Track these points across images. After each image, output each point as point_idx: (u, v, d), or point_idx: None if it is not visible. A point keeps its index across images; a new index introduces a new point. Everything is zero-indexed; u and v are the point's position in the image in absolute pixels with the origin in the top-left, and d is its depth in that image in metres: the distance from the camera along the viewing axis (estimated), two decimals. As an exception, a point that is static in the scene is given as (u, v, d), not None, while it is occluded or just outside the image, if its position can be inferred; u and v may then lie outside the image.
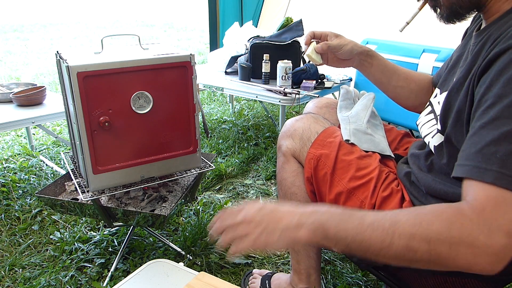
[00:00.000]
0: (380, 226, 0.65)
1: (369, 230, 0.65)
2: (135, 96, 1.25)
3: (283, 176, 1.19)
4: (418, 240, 0.62)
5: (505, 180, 0.60)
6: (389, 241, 0.63)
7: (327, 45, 1.15)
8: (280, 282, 1.33)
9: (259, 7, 3.80)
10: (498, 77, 0.66)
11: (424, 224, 0.62)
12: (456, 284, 0.88)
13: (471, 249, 0.59)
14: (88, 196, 1.28)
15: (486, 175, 0.61)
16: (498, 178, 0.60)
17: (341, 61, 1.21)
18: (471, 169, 0.64)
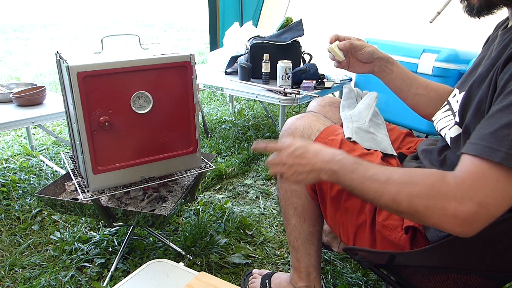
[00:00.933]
0: (377, 179, 0.79)
1: (367, 181, 0.80)
2: (135, 96, 1.25)
3: None
4: (402, 195, 0.74)
5: (510, 160, 0.65)
6: (381, 192, 0.77)
7: (349, 43, 1.18)
8: (280, 281, 1.33)
9: (259, 7, 3.80)
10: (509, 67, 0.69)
11: (410, 183, 0.74)
12: (458, 281, 0.88)
13: (442, 212, 0.69)
14: (88, 196, 1.28)
15: (494, 155, 0.66)
16: (505, 159, 0.65)
17: (362, 64, 1.22)
18: (483, 148, 0.68)
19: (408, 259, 0.92)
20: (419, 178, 0.74)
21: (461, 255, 0.85)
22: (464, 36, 2.37)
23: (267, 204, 2.00)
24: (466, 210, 0.67)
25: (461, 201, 0.68)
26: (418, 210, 0.72)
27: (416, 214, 0.73)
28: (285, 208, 1.22)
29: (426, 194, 0.72)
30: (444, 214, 0.69)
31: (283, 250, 1.65)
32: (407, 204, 0.74)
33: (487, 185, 0.67)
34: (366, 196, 0.81)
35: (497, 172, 0.67)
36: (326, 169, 0.86)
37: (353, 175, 0.82)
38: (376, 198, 0.79)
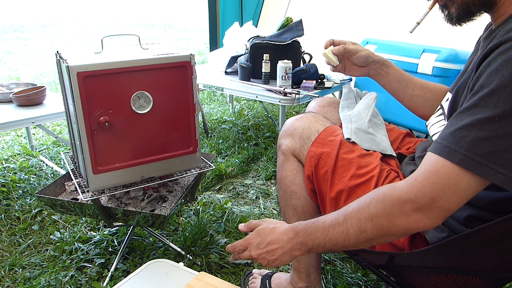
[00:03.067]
0: (338, 223, 0.80)
1: (331, 230, 0.81)
2: (135, 96, 1.25)
3: (283, 175, 1.19)
4: (364, 221, 0.76)
5: (467, 162, 0.67)
6: (346, 232, 0.79)
7: (343, 48, 1.20)
8: (280, 281, 1.33)
9: (259, 7, 3.80)
10: (486, 69, 0.70)
11: (365, 206, 0.76)
12: (457, 282, 0.88)
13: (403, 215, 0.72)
14: (88, 196, 1.28)
15: (453, 156, 0.68)
16: (463, 160, 0.67)
17: (357, 68, 1.23)
18: (442, 148, 0.70)
19: (407, 259, 0.92)
20: (371, 197, 0.76)
21: (460, 256, 0.85)
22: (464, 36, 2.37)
23: (267, 204, 2.00)
24: (422, 206, 0.70)
25: (415, 200, 0.71)
26: (383, 225, 0.74)
27: (383, 231, 0.75)
28: (285, 209, 1.22)
29: (383, 207, 0.74)
30: (405, 217, 0.72)
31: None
32: (372, 226, 0.76)
33: (439, 182, 0.69)
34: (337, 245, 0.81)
35: (450, 171, 0.68)
36: (295, 245, 0.88)
37: (317, 234, 0.84)
38: (346, 240, 0.79)
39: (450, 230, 0.87)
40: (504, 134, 0.65)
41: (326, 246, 0.83)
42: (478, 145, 0.66)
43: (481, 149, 0.66)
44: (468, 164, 0.67)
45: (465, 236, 0.80)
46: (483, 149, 0.66)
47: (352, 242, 0.79)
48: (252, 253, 0.96)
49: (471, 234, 0.79)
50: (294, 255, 0.90)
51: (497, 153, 0.65)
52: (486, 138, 0.66)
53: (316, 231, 0.84)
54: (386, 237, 0.77)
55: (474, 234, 0.79)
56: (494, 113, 0.65)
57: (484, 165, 0.66)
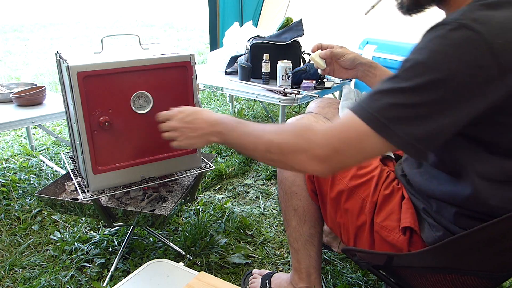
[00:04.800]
0: (254, 134, 0.88)
1: (246, 136, 0.90)
2: (135, 96, 1.25)
3: (283, 176, 1.20)
4: (274, 145, 0.83)
5: (375, 122, 0.73)
6: (257, 144, 0.87)
7: (330, 51, 1.24)
8: (280, 281, 1.33)
9: (259, 7, 3.80)
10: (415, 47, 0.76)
11: (281, 134, 0.84)
12: (456, 281, 0.89)
13: (305, 154, 0.79)
14: (88, 196, 1.28)
15: (364, 115, 0.75)
16: (371, 120, 0.73)
17: (345, 70, 1.27)
18: (357, 106, 0.77)
19: (406, 260, 0.92)
20: (290, 128, 0.85)
21: (458, 256, 0.85)
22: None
23: (267, 204, 2.00)
24: (324, 153, 0.77)
25: (321, 145, 0.78)
26: (288, 155, 0.81)
27: (285, 159, 0.82)
28: (286, 209, 1.22)
29: (295, 141, 0.81)
30: (307, 155, 0.79)
31: (283, 250, 1.65)
32: (279, 152, 0.83)
33: (348, 136, 0.76)
34: (246, 150, 0.91)
35: (361, 129, 0.74)
36: (214, 132, 0.97)
37: (235, 133, 0.92)
38: (254, 150, 0.88)
39: (445, 229, 0.88)
40: (411, 104, 0.71)
41: (237, 147, 0.93)
42: (387, 109, 0.72)
43: (388, 113, 0.72)
44: (374, 124, 0.73)
45: (463, 237, 0.80)
46: (390, 113, 0.72)
47: (258, 155, 0.88)
48: (175, 123, 1.03)
49: (469, 234, 0.79)
50: (210, 140, 0.99)
51: (401, 120, 0.71)
52: (395, 104, 0.72)
53: (235, 130, 0.93)
54: (286, 167, 0.87)
55: (471, 235, 0.79)
56: (408, 84, 0.71)
57: (387, 127, 0.72)
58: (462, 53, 0.68)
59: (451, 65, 0.69)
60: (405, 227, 0.93)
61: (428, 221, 0.91)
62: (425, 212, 0.92)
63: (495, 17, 0.69)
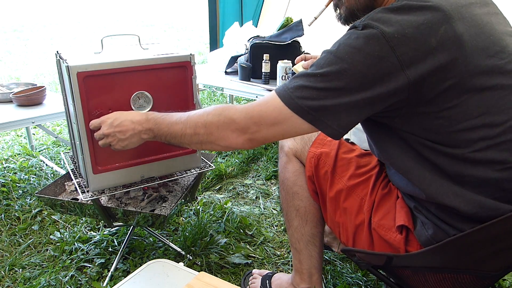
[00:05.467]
0: (180, 121, 0.95)
1: (173, 125, 0.96)
2: (135, 96, 1.25)
3: (285, 176, 1.20)
4: (200, 126, 0.91)
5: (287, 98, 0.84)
6: (184, 129, 0.94)
7: (312, 62, 1.28)
8: (281, 282, 1.33)
9: (259, 7, 3.79)
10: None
11: (204, 115, 0.92)
12: (454, 280, 0.89)
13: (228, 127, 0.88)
14: (88, 196, 1.28)
15: (281, 93, 0.85)
16: (285, 97, 0.84)
17: None
18: (280, 87, 0.87)
19: (405, 260, 0.92)
20: (212, 109, 0.91)
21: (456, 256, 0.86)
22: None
23: (267, 204, 2.00)
24: (244, 124, 0.87)
25: (242, 118, 0.87)
26: (213, 133, 0.90)
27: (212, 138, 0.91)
28: (287, 210, 1.22)
29: (217, 119, 0.89)
30: (229, 129, 0.88)
31: (283, 250, 1.65)
32: (204, 132, 0.91)
33: (266, 110, 0.86)
34: (175, 139, 0.96)
35: (277, 104, 0.84)
36: (143, 129, 1.02)
37: (163, 125, 0.98)
38: (183, 137, 0.94)
39: (436, 226, 0.88)
40: (319, 87, 0.81)
41: (167, 138, 0.98)
42: (300, 90, 0.83)
43: (300, 93, 0.83)
44: (287, 100, 0.84)
45: (462, 237, 0.81)
46: (302, 93, 0.83)
47: (187, 140, 0.95)
48: (105, 130, 1.07)
49: (467, 235, 0.80)
50: (142, 138, 1.04)
51: (310, 99, 0.82)
52: (307, 87, 0.83)
53: (163, 123, 0.99)
54: (213, 145, 0.93)
55: (470, 235, 0.80)
56: (319, 71, 0.82)
57: (296, 103, 0.83)
58: (365, 47, 0.78)
59: (354, 56, 0.79)
60: (400, 225, 0.94)
61: (421, 219, 0.91)
62: (416, 210, 0.93)
63: (393, 18, 0.79)
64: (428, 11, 0.78)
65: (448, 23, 0.78)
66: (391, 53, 0.76)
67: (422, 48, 0.76)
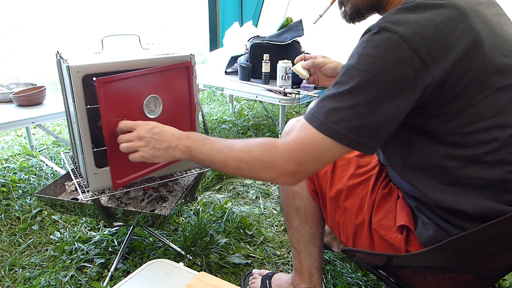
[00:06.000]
0: (222, 151, 0.92)
1: (215, 153, 0.93)
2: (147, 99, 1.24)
3: None
4: (243, 163, 0.88)
5: (323, 127, 0.79)
6: (226, 162, 0.91)
7: (312, 61, 1.31)
8: (281, 282, 1.33)
9: (259, 7, 3.79)
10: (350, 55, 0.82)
11: (248, 151, 0.88)
12: (454, 280, 0.89)
13: (274, 171, 0.85)
14: (88, 196, 1.28)
15: (314, 121, 0.81)
16: (319, 125, 0.80)
17: (328, 79, 1.32)
18: (309, 114, 0.83)
19: (405, 260, 0.92)
20: (255, 145, 0.88)
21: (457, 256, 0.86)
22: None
23: (267, 204, 2.00)
24: (290, 168, 0.83)
25: (286, 161, 0.83)
26: (257, 172, 0.87)
27: (256, 175, 0.88)
28: (287, 210, 1.22)
29: (262, 158, 0.86)
30: (276, 172, 0.85)
31: (283, 250, 1.65)
32: (248, 168, 0.88)
33: (306, 148, 0.81)
34: (216, 166, 0.94)
35: (316, 137, 0.80)
36: (181, 146, 0.98)
37: (203, 149, 0.95)
38: (223, 167, 0.92)
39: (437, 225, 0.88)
40: (350, 105, 0.77)
41: (206, 163, 0.96)
42: (332, 113, 0.79)
43: (334, 116, 0.79)
44: (324, 128, 0.79)
45: (462, 237, 0.81)
46: (335, 117, 0.78)
47: (228, 171, 0.93)
48: (141, 133, 1.01)
49: (468, 235, 0.80)
50: (175, 154, 0.99)
51: (346, 121, 0.78)
52: (338, 108, 0.79)
53: (204, 146, 0.95)
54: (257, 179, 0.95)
55: (470, 235, 0.80)
56: (345, 88, 0.78)
57: (335, 130, 0.78)
58: (386, 53, 0.75)
59: (377, 65, 0.76)
60: (401, 225, 0.94)
61: (422, 219, 0.91)
62: (418, 209, 0.93)
63: (411, 18, 0.77)
64: (445, 9, 0.77)
65: (465, 21, 0.77)
66: (413, 55, 0.74)
67: (443, 47, 0.75)
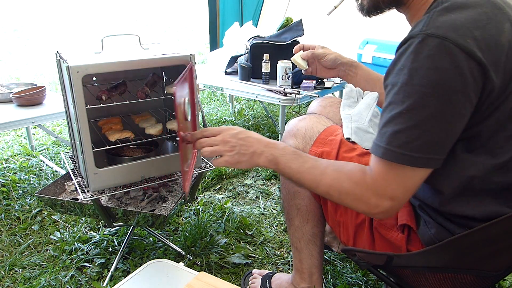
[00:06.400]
0: (313, 173, 0.89)
1: (305, 173, 0.89)
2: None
3: None
4: (334, 190, 0.86)
5: (389, 154, 0.76)
6: (316, 185, 0.88)
7: (311, 52, 1.27)
8: (281, 282, 1.33)
9: (259, 7, 3.79)
10: (393, 67, 0.78)
11: (339, 180, 0.85)
12: (455, 280, 0.89)
13: (366, 205, 0.82)
14: (88, 196, 1.28)
15: (378, 151, 0.78)
16: (384, 154, 0.77)
17: (327, 70, 1.30)
18: (372, 145, 0.81)
19: (406, 260, 0.92)
20: (346, 176, 0.85)
21: (457, 256, 0.86)
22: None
23: (267, 204, 2.00)
24: (383, 204, 0.80)
25: (378, 197, 0.80)
26: (347, 202, 0.86)
27: (345, 204, 0.87)
28: (288, 209, 1.22)
29: (352, 192, 0.83)
30: (367, 206, 0.82)
31: (283, 250, 1.65)
32: (337, 197, 0.86)
33: (392, 181, 0.78)
34: (303, 185, 0.92)
35: (395, 169, 0.77)
36: (268, 153, 0.93)
37: (292, 165, 0.91)
38: (311, 188, 0.90)
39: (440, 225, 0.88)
40: (412, 125, 0.73)
41: (292, 178, 0.92)
42: (395, 138, 0.75)
43: (398, 141, 0.75)
44: (390, 156, 0.76)
45: (463, 237, 0.80)
46: (400, 140, 0.75)
47: (318, 192, 0.90)
48: (226, 137, 0.96)
49: (468, 234, 0.80)
50: (260, 162, 0.94)
51: (411, 142, 0.74)
52: (400, 130, 0.75)
53: (294, 161, 0.91)
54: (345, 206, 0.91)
55: (471, 235, 0.79)
56: (402, 108, 0.74)
57: (403, 154, 0.75)
58: (439, 62, 0.71)
59: (432, 76, 0.71)
60: (402, 224, 0.93)
61: (424, 218, 0.91)
62: (420, 208, 0.93)
63: (457, 19, 0.72)
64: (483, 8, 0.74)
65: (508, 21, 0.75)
66: (469, 59, 0.70)
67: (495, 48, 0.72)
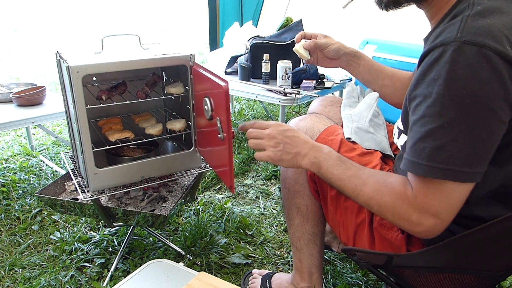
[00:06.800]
0: (354, 182, 0.87)
1: (346, 181, 0.88)
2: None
3: (286, 175, 1.20)
4: (374, 203, 0.84)
5: (431, 171, 0.73)
6: (356, 194, 0.87)
7: (314, 42, 1.24)
8: (281, 281, 1.33)
9: (259, 7, 3.79)
10: (424, 77, 0.74)
11: (380, 192, 0.83)
12: (455, 280, 0.89)
13: (407, 222, 0.79)
14: (88, 196, 1.28)
15: (418, 169, 0.75)
16: (427, 171, 0.74)
17: (329, 60, 1.28)
18: (408, 163, 0.77)
19: (406, 260, 0.92)
20: (387, 189, 0.82)
21: (458, 256, 0.85)
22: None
23: (267, 204, 2.00)
24: (426, 221, 0.77)
25: (420, 214, 0.77)
26: (387, 217, 0.83)
27: (385, 217, 0.84)
28: (288, 208, 1.22)
29: (392, 206, 0.81)
30: (408, 223, 0.79)
31: (283, 250, 1.65)
32: (377, 210, 0.84)
33: (434, 198, 0.75)
34: (343, 192, 0.90)
35: (438, 185, 0.74)
36: (311, 156, 0.91)
37: (335, 171, 0.89)
38: (352, 197, 0.88)
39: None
40: (454, 137, 0.70)
41: (333, 184, 0.91)
42: (436, 153, 0.72)
43: (439, 157, 0.72)
44: (433, 173, 0.73)
45: (463, 237, 0.80)
46: (441, 156, 0.71)
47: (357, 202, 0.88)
48: (273, 133, 0.94)
49: (469, 234, 0.79)
50: (302, 163, 0.92)
51: (454, 156, 0.71)
52: (441, 145, 0.71)
53: (336, 167, 0.89)
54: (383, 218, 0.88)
55: (471, 235, 0.79)
56: (441, 121, 0.71)
57: (447, 169, 0.71)
58: (478, 71, 0.67)
59: (471, 87, 0.68)
60: None
61: None
62: None
63: (493, 25, 0.69)
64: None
65: None
66: (509, 67, 0.68)
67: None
